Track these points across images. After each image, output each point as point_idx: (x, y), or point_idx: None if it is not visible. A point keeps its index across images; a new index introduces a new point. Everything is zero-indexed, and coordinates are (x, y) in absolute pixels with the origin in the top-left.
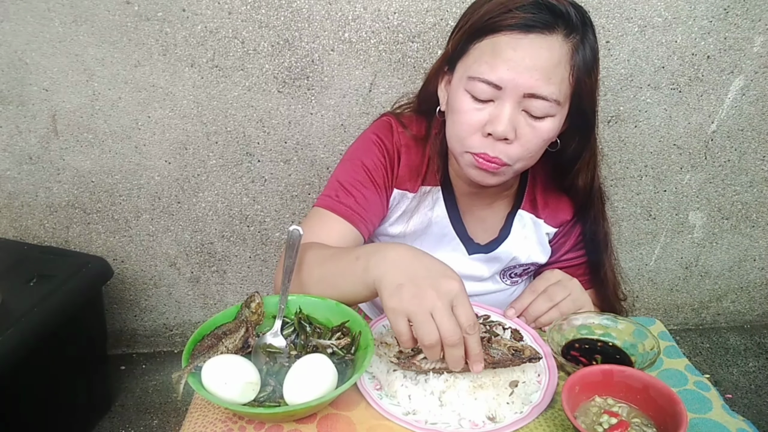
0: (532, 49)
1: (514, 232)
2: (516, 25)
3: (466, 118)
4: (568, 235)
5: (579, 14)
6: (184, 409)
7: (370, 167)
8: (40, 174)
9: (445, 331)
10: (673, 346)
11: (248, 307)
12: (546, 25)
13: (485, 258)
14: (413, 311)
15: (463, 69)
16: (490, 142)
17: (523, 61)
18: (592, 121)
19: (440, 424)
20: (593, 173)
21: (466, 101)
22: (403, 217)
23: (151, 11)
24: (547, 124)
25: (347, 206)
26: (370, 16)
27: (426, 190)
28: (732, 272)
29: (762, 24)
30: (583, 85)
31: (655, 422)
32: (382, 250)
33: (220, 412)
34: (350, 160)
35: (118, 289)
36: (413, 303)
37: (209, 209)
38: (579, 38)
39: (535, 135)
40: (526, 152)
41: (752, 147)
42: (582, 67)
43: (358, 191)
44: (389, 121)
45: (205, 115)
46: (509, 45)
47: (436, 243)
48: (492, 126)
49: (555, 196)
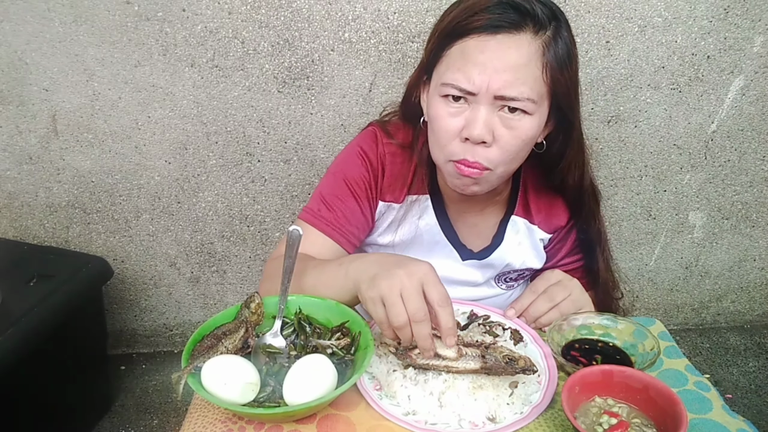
0: (500, 50)
1: (507, 238)
2: (483, 27)
3: (443, 124)
4: (564, 240)
5: (547, 9)
6: (184, 409)
7: (353, 181)
8: (40, 174)
9: (411, 308)
10: (673, 346)
11: (248, 308)
12: (513, 24)
13: (479, 264)
14: (385, 294)
15: (437, 76)
16: (469, 147)
17: (492, 63)
18: (571, 117)
19: (440, 424)
20: (582, 171)
21: (441, 108)
22: (391, 227)
23: (151, 11)
24: (525, 123)
25: (327, 222)
26: (370, 16)
27: (413, 199)
28: (732, 272)
29: (762, 24)
30: (558, 82)
31: (655, 422)
32: (362, 257)
33: (220, 413)
34: (333, 173)
35: (118, 289)
36: (385, 287)
37: (209, 209)
38: (550, 34)
39: (513, 136)
40: (506, 155)
41: (752, 147)
42: (555, 63)
43: (339, 205)
44: (374, 131)
45: (205, 115)
46: (477, 48)
47: (428, 251)
48: (468, 130)
49: (548, 201)
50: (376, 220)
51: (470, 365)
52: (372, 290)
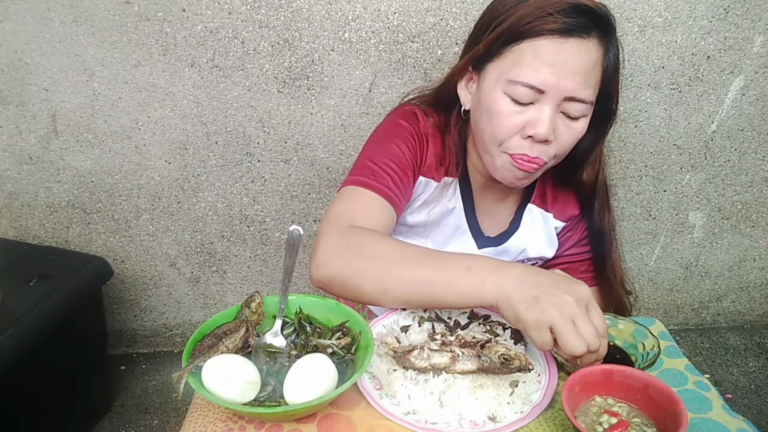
0: (573, 53)
1: (523, 225)
2: (557, 29)
3: (506, 120)
4: (574, 229)
5: (610, 16)
6: (184, 409)
7: (401, 150)
8: (40, 174)
9: (588, 338)
10: (673, 346)
11: (248, 307)
12: (584, 29)
13: (495, 251)
14: (557, 321)
15: (498, 71)
16: (528, 144)
17: (565, 65)
18: (608, 118)
19: (440, 423)
20: (599, 167)
21: (505, 103)
22: (424, 207)
23: (151, 11)
24: (581, 123)
25: (383, 184)
26: (370, 16)
27: (448, 181)
28: (732, 272)
29: (762, 24)
30: (609, 86)
31: (655, 422)
32: (502, 268)
33: (220, 412)
34: (379, 141)
35: (118, 289)
36: (554, 312)
37: (209, 209)
38: (610, 40)
39: (571, 135)
40: (562, 151)
41: (752, 147)
42: (611, 68)
43: (391, 171)
44: (413, 110)
45: (205, 115)
46: (551, 49)
47: (450, 235)
48: (533, 128)
49: (564, 191)
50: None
51: (467, 366)
52: (538, 313)
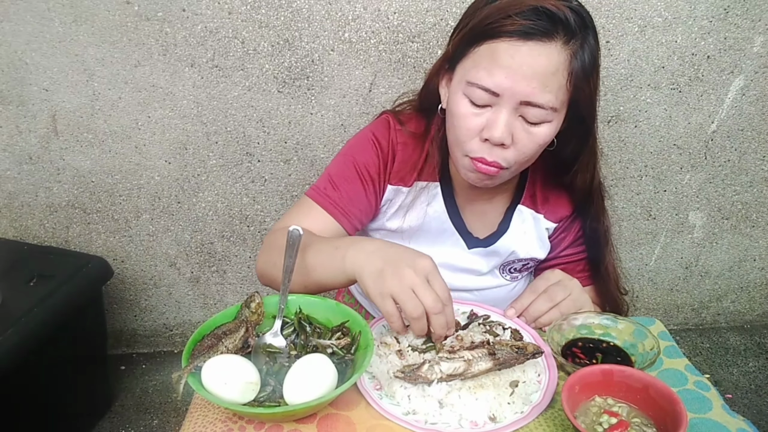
0: (530, 56)
1: (513, 226)
2: (515, 31)
3: (464, 122)
4: (567, 230)
5: (579, 18)
6: (184, 408)
7: (361, 164)
8: (40, 174)
9: (428, 302)
10: (673, 346)
11: (248, 307)
12: (545, 33)
13: (484, 252)
14: (397, 290)
15: (462, 72)
16: (487, 147)
17: (521, 69)
18: (590, 125)
19: (440, 424)
20: (593, 173)
21: (464, 105)
22: (399, 212)
23: (151, 11)
24: (543, 129)
25: (332, 201)
26: (370, 16)
27: (422, 186)
28: (732, 272)
29: (762, 24)
30: (580, 91)
31: (655, 422)
32: (359, 242)
33: (220, 412)
34: (344, 155)
35: (118, 289)
36: (395, 283)
37: (209, 209)
38: (578, 44)
39: (531, 140)
40: (522, 156)
41: (752, 147)
42: (580, 72)
43: (345, 186)
44: (387, 119)
45: (205, 115)
46: (507, 52)
47: (435, 238)
48: (489, 131)
49: (555, 192)
50: (383, 205)
51: (482, 366)
52: (380, 286)
